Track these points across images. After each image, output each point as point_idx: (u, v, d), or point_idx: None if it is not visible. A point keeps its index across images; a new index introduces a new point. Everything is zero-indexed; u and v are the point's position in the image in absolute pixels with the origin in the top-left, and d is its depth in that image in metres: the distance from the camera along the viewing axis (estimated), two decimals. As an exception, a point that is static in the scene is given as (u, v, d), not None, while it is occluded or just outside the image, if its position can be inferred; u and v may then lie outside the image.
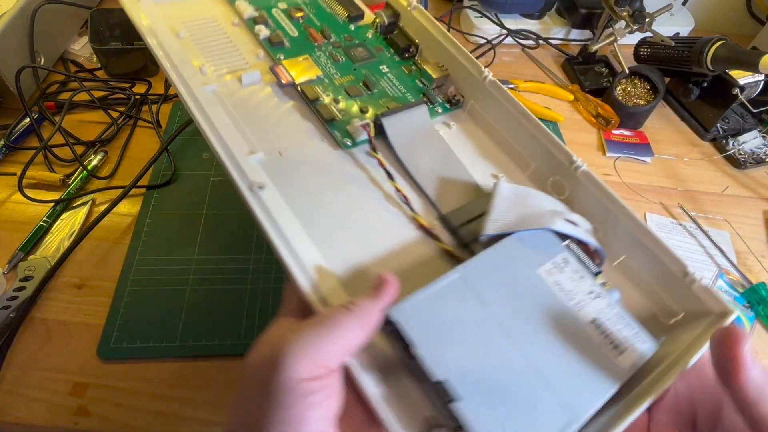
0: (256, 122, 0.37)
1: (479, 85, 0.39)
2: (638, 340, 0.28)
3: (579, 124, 0.69)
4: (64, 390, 0.41)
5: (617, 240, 0.33)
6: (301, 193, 0.33)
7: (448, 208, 0.35)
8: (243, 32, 0.43)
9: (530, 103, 0.68)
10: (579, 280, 0.29)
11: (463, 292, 0.27)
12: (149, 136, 0.61)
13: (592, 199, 0.34)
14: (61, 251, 0.48)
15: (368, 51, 0.44)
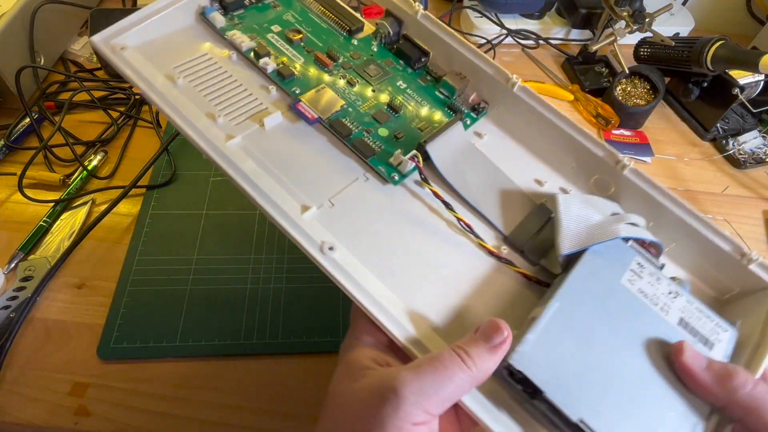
0: (294, 170, 0.35)
1: (506, 91, 0.39)
2: (721, 330, 0.30)
3: (579, 124, 0.68)
4: (64, 390, 0.41)
5: (666, 229, 0.35)
6: (365, 242, 0.32)
7: (508, 226, 0.36)
8: (245, 68, 0.39)
9: None
10: (657, 283, 0.31)
11: (566, 322, 0.28)
12: (149, 136, 0.61)
13: (639, 193, 0.35)
14: (61, 251, 0.48)
15: (380, 68, 0.42)
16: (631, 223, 0.33)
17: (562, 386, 0.26)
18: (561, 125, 0.37)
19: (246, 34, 0.41)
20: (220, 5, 0.41)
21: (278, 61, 0.40)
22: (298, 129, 0.37)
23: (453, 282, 0.32)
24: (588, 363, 0.27)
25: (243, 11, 0.42)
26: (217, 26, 0.40)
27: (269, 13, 0.43)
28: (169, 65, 0.37)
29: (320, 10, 0.44)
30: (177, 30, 0.40)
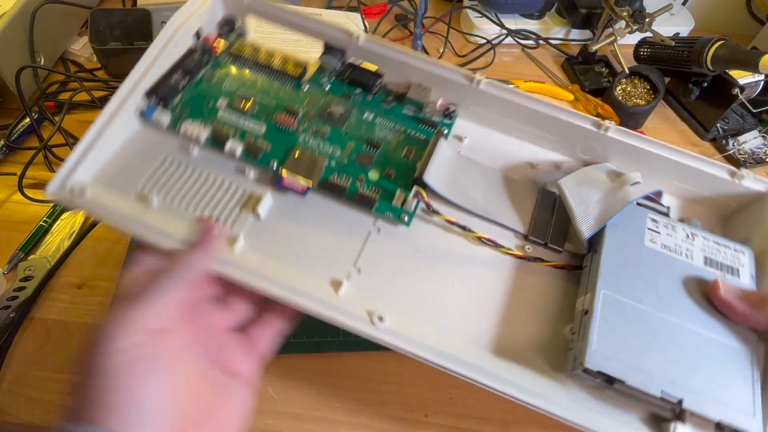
0: (308, 249, 0.34)
1: (472, 90, 0.39)
2: (740, 254, 0.33)
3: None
4: (64, 390, 0.40)
5: (659, 172, 0.38)
6: (405, 295, 0.33)
7: (524, 224, 0.37)
8: (212, 158, 0.37)
9: None
10: (674, 233, 0.34)
11: (615, 306, 0.30)
12: None
13: (625, 148, 0.37)
14: (61, 251, 0.48)
15: (341, 105, 0.40)
16: (632, 184, 0.35)
17: (634, 367, 0.28)
18: (534, 106, 0.38)
19: (196, 120, 0.38)
20: (157, 100, 0.37)
21: (243, 140, 0.37)
22: (292, 203, 0.36)
23: (495, 299, 0.34)
24: (647, 335, 0.29)
25: (180, 95, 0.39)
26: (164, 126, 0.37)
27: (208, 89, 0.40)
28: (135, 185, 0.35)
29: (260, 64, 0.42)
30: (127, 142, 0.36)
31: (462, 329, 0.32)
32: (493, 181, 0.38)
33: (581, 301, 0.32)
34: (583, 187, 0.36)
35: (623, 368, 0.28)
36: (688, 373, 0.29)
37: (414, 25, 0.75)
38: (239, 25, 0.43)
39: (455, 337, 0.32)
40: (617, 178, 0.37)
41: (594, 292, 0.31)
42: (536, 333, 0.33)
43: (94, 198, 0.33)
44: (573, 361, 0.30)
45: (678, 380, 0.28)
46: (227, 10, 0.42)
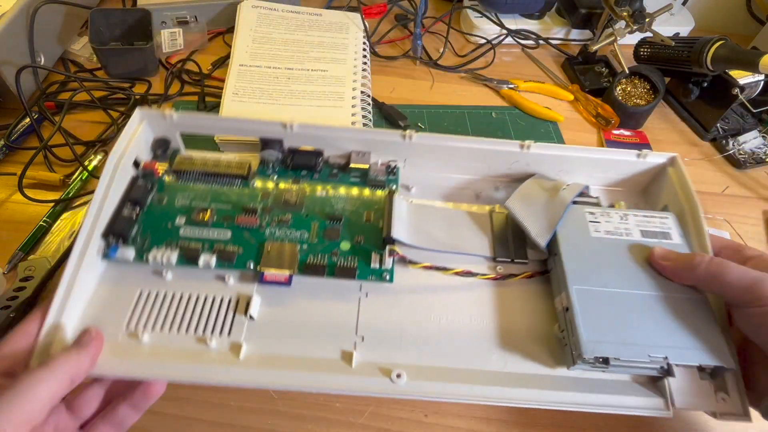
0: (310, 334, 0.36)
1: (407, 145, 0.43)
2: (665, 220, 0.40)
3: (579, 124, 0.68)
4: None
5: (579, 171, 0.44)
6: (411, 345, 0.36)
7: (489, 248, 0.41)
8: (188, 276, 0.38)
9: (530, 103, 0.68)
10: (609, 218, 0.39)
11: (588, 296, 0.35)
12: None
13: (547, 159, 0.43)
14: (61, 251, 0.48)
15: (293, 191, 0.42)
16: (563, 188, 0.41)
17: (622, 343, 0.33)
18: (463, 145, 0.43)
19: (161, 246, 0.38)
20: (115, 238, 0.38)
21: (213, 250, 0.38)
22: (280, 293, 0.37)
23: (488, 320, 0.38)
24: (623, 312, 0.34)
25: (137, 226, 0.39)
26: (130, 260, 0.37)
27: (161, 212, 0.41)
28: (121, 326, 0.35)
29: (205, 172, 0.43)
30: (99, 286, 0.37)
31: (469, 353, 0.36)
32: (449, 219, 0.42)
33: (559, 300, 0.37)
34: (527, 203, 0.41)
35: (614, 347, 0.32)
36: (664, 334, 0.33)
37: (414, 25, 0.75)
38: (172, 144, 0.45)
39: (465, 363, 0.35)
40: (550, 186, 0.42)
41: (567, 290, 0.35)
42: (531, 338, 0.37)
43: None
44: (571, 354, 0.34)
45: (658, 342, 0.33)
46: (158, 133, 0.44)
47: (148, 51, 0.64)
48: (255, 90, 0.63)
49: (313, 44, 0.69)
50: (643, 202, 0.45)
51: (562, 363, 0.35)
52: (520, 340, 0.37)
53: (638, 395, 0.34)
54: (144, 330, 0.35)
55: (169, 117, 0.42)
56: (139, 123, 0.42)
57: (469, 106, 0.68)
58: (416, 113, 0.66)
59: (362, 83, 0.65)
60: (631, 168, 0.44)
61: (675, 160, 0.43)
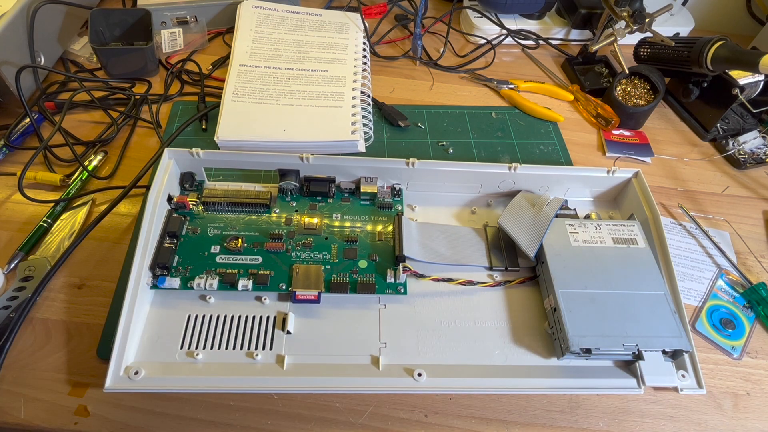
0: (341, 343, 0.42)
1: (409, 171, 0.50)
2: (632, 227, 0.47)
3: (579, 125, 0.69)
4: (63, 390, 0.41)
5: (559, 185, 0.52)
6: (427, 346, 0.43)
7: (485, 259, 0.48)
8: (230, 299, 0.44)
9: (530, 104, 0.68)
10: (586, 229, 0.47)
11: (572, 297, 0.42)
12: (149, 136, 0.61)
13: (532, 177, 0.51)
14: (61, 251, 0.48)
15: (312, 215, 0.48)
16: (547, 204, 0.49)
17: (600, 336, 0.40)
18: (459, 169, 0.50)
19: (202, 274, 0.44)
20: (161, 270, 0.43)
21: (248, 275, 0.44)
22: (311, 310, 0.44)
23: (491, 321, 0.45)
24: (600, 309, 0.41)
25: (177, 258, 0.45)
26: (176, 288, 0.43)
27: (196, 241, 0.46)
28: (175, 349, 0.41)
29: (231, 202, 0.48)
30: (152, 314, 0.42)
31: (475, 351, 0.43)
32: (450, 235, 0.49)
33: (547, 302, 0.44)
34: (516, 220, 0.48)
35: (595, 340, 0.40)
36: (633, 325, 0.41)
37: (414, 25, 0.76)
38: (197, 176, 0.51)
39: (473, 359, 0.42)
40: (535, 202, 0.50)
41: (554, 293, 0.42)
42: (526, 334, 0.44)
43: (149, 374, 0.39)
44: (560, 347, 0.41)
45: (630, 333, 0.41)
46: (184, 168, 0.50)
47: (148, 51, 0.65)
48: (255, 90, 0.63)
49: (313, 44, 0.69)
50: (613, 208, 0.54)
51: (553, 354, 0.43)
52: (517, 337, 0.44)
53: (615, 377, 0.42)
54: (198, 349, 0.41)
55: (196, 155, 0.48)
56: (169, 162, 0.48)
57: (469, 107, 0.69)
58: (416, 113, 0.67)
59: (362, 83, 0.66)
60: (603, 183, 0.53)
61: (638, 174, 0.51)
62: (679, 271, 0.53)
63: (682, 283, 0.52)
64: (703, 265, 0.54)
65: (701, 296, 0.51)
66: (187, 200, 0.48)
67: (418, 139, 0.63)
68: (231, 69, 0.65)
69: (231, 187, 0.51)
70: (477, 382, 0.41)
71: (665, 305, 0.42)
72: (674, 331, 0.41)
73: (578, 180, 0.52)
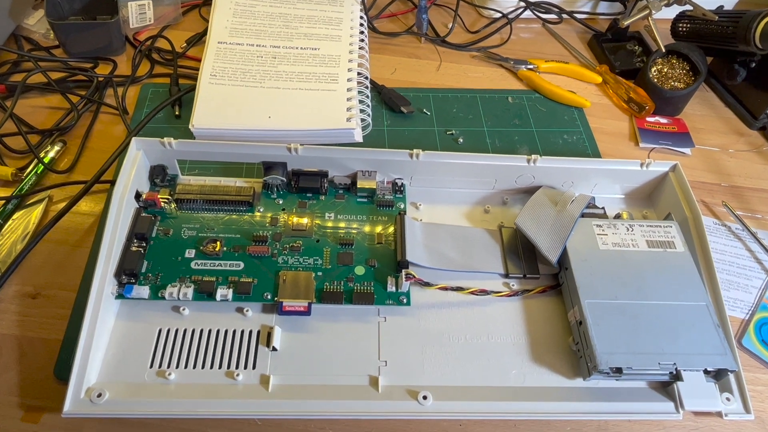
0: (334, 361, 0.42)
1: (413, 163, 0.50)
2: (669, 229, 0.47)
3: (608, 111, 0.68)
4: (15, 415, 0.40)
5: (585, 180, 0.52)
6: (433, 365, 0.42)
7: (500, 265, 0.48)
8: (207, 311, 0.43)
9: (552, 87, 0.69)
10: (616, 230, 0.47)
11: (600, 309, 0.42)
12: (114, 124, 0.60)
13: (553, 171, 0.51)
14: (12, 256, 0.48)
15: (301, 214, 0.48)
16: (571, 201, 0.48)
17: (633, 353, 0.39)
18: (470, 161, 0.50)
19: (175, 282, 0.43)
20: (127, 277, 0.43)
21: (228, 283, 0.43)
22: (300, 323, 0.43)
23: (506, 338, 0.44)
24: (632, 322, 0.41)
25: (147, 263, 0.44)
26: (146, 298, 0.43)
27: (169, 244, 0.46)
28: (144, 368, 0.40)
29: (208, 199, 0.48)
30: (118, 328, 0.42)
31: (489, 371, 0.42)
32: (460, 237, 0.49)
33: (572, 314, 0.44)
34: (536, 220, 0.47)
35: (626, 357, 0.39)
36: (671, 341, 0.40)
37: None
38: (169, 170, 0.50)
39: (486, 380, 0.42)
40: (558, 200, 0.49)
41: (580, 304, 0.42)
42: (547, 351, 0.44)
43: (113, 397, 0.38)
44: (587, 366, 0.41)
45: (667, 349, 0.40)
46: (155, 161, 0.49)
47: (112, 26, 0.64)
48: (236, 71, 0.63)
49: (302, 18, 0.69)
50: (647, 206, 0.55)
51: (579, 375, 0.42)
52: (537, 355, 0.43)
53: (650, 400, 0.42)
54: (170, 368, 0.40)
55: (168, 145, 0.48)
56: (137, 153, 0.47)
57: (481, 90, 0.69)
58: (421, 98, 0.67)
59: (359, 63, 0.65)
60: (635, 177, 0.52)
61: (676, 167, 0.51)
62: (723, 278, 0.53)
63: (726, 293, 0.51)
64: (750, 272, 0.54)
65: (749, 308, 0.51)
66: (158, 197, 0.48)
67: (423, 127, 0.63)
68: (208, 47, 0.64)
69: (208, 182, 0.51)
70: (491, 406, 0.40)
71: (707, 318, 0.42)
72: (717, 348, 0.41)
73: (607, 174, 0.52)
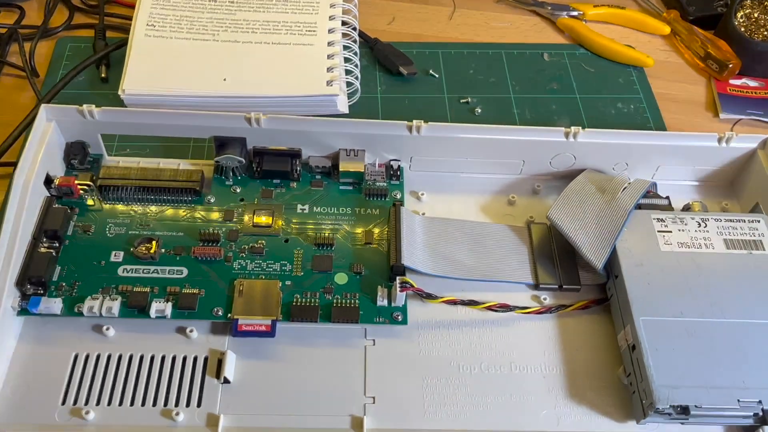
0: (307, 397, 0.38)
1: (414, 140, 0.46)
2: (756, 224, 0.42)
3: (677, 71, 0.64)
4: None
5: (643, 162, 0.47)
6: (434, 404, 0.38)
7: (528, 273, 0.43)
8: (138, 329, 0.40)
9: (602, 39, 0.64)
10: (684, 226, 0.42)
11: (659, 329, 0.37)
12: (19, 89, 0.58)
13: (600, 148, 0.46)
14: None
15: (265, 207, 0.45)
16: (623, 189, 0.44)
17: (704, 386, 0.35)
18: (489, 135, 0.46)
19: (97, 294, 0.40)
20: (32, 285, 0.40)
21: (167, 295, 0.40)
22: (260, 347, 0.39)
23: (534, 368, 0.40)
24: (703, 346, 0.37)
25: (60, 269, 0.41)
26: (58, 313, 0.39)
27: (89, 244, 0.42)
28: (55, 404, 0.36)
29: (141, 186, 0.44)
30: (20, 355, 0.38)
31: (511, 411, 0.38)
32: (475, 236, 0.45)
33: (622, 336, 0.40)
34: (576, 212, 0.43)
35: (695, 392, 0.35)
36: (755, 371, 0.36)
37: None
38: (92, 149, 0.47)
39: (508, 424, 0.37)
40: (606, 186, 0.45)
41: (633, 323, 0.38)
42: (589, 385, 0.40)
43: None
44: (641, 405, 0.36)
45: (749, 383, 0.35)
46: (71, 136, 0.46)
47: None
48: (181, 20, 0.59)
49: None
50: (728, 195, 0.50)
51: (631, 416, 0.38)
52: (575, 390, 0.39)
53: None
54: (88, 405, 0.36)
55: (89, 115, 0.44)
56: (47, 125, 0.44)
57: (508, 45, 0.65)
58: (427, 55, 0.63)
59: (344, 9, 0.62)
60: (713, 157, 0.47)
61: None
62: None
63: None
64: None
65: None
66: (76, 183, 0.44)
67: (429, 93, 0.60)
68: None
69: (143, 164, 0.47)
70: None
71: None
72: None
73: (674, 152, 0.47)
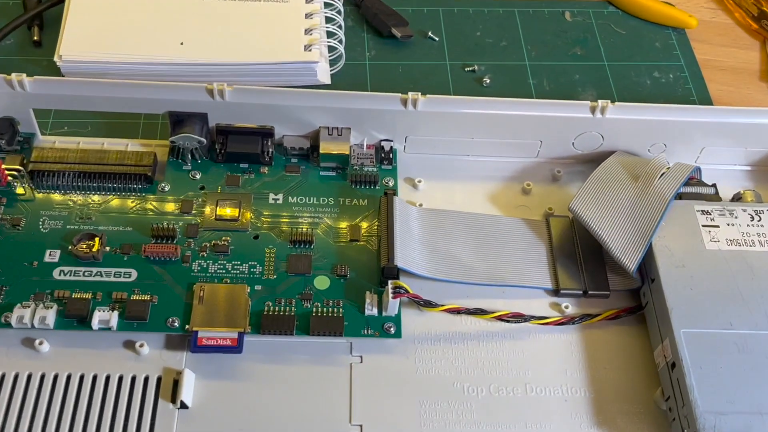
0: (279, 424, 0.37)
1: (409, 115, 0.44)
2: None
3: (725, 32, 0.63)
4: None
5: (685, 141, 0.46)
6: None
7: (546, 276, 0.42)
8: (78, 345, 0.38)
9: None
10: (734, 219, 0.41)
11: (704, 342, 0.37)
12: None
13: (633, 126, 0.45)
14: None
15: (230, 197, 0.45)
16: (661, 174, 0.43)
17: (758, 412, 0.34)
18: (501, 110, 0.44)
19: (27, 301, 0.39)
20: None
21: (112, 303, 0.39)
22: (225, 365, 0.38)
23: (553, 389, 0.38)
24: (756, 364, 0.36)
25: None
26: None
27: (19, 241, 0.41)
28: None
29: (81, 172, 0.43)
30: None
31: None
32: (481, 230, 0.43)
33: (659, 352, 0.38)
34: (604, 203, 0.42)
35: (745, 419, 0.34)
36: None
37: None
38: (22, 127, 0.46)
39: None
40: (641, 172, 0.43)
41: (672, 337, 0.37)
42: (620, 410, 0.38)
43: None
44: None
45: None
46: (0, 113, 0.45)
47: None
48: None
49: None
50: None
51: None
52: (604, 416, 0.38)
53: None
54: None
55: (19, 86, 0.43)
56: None
57: (522, 2, 0.64)
58: (425, 14, 0.62)
59: None
60: (762, 134, 0.46)
61: None
62: None
63: None
64: None
65: None
66: (3, 168, 0.44)
67: (428, 60, 0.59)
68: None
69: (84, 145, 0.46)
70: None
71: None
72: None
73: (721, 131, 0.45)
